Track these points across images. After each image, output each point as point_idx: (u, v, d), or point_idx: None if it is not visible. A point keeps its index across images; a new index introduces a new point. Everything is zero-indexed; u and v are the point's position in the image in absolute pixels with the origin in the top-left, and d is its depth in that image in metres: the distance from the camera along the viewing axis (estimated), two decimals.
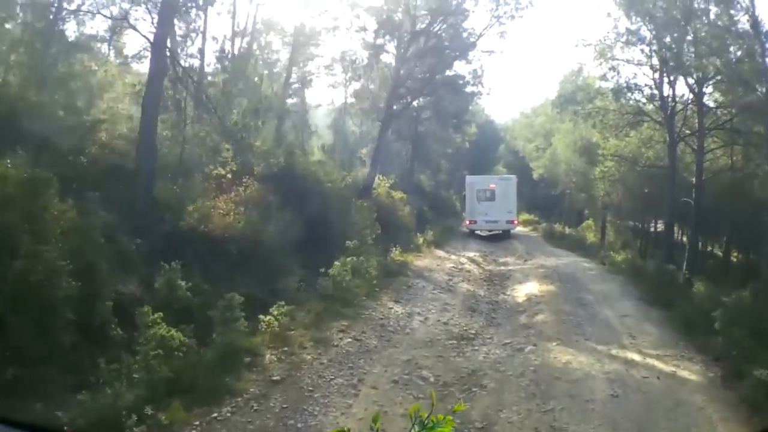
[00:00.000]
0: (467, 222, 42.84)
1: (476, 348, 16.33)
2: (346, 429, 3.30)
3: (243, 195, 23.15)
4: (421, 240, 33.19)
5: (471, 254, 32.89)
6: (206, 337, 14.78)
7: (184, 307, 16.48)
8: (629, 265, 29.40)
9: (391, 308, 19.59)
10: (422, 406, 2.86)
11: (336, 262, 20.79)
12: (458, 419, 10.10)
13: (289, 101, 56.96)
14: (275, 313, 16.08)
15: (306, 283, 20.68)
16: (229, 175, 23.88)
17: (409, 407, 3.90)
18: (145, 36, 24.27)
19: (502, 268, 29.56)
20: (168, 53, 22.97)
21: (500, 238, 41.99)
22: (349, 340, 15.98)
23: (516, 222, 42.46)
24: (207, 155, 24.63)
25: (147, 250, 19.09)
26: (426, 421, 2.75)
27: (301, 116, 54.95)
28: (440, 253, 32.21)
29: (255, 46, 48.25)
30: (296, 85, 56.62)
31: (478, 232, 41.92)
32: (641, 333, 17.81)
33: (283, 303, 16.57)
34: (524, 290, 23.47)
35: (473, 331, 17.91)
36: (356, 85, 48.09)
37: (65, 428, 9.51)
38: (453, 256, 31.19)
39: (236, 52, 43.56)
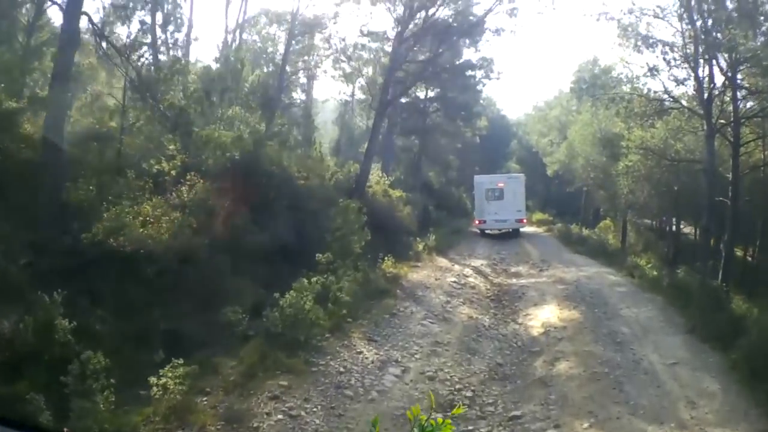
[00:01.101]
0: (476, 221, 39.92)
1: (470, 428, 10.37)
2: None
3: (185, 196, 17.38)
4: (421, 246, 27.23)
5: (478, 263, 26.95)
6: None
7: (61, 358, 10.93)
8: (662, 277, 23.41)
9: (360, 352, 13.79)
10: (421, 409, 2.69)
11: (296, 285, 15.02)
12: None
13: (294, 95, 51.97)
14: (171, 375, 10.25)
15: (259, 311, 15.02)
16: (173, 172, 18.17)
17: None
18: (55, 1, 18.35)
19: (514, 281, 23.61)
20: (91, 26, 17.23)
21: (511, 240, 36.38)
22: (280, 416, 10.17)
23: (524, 221, 39.58)
24: (148, 148, 18.81)
25: (43, 271, 13.61)
26: (425, 424, 2.60)
27: (305, 110, 49.51)
28: (442, 261, 26.26)
29: (247, 35, 43.02)
30: (302, 80, 51.78)
31: (488, 231, 38.85)
32: (702, 395, 11.84)
33: (181, 361, 10.67)
34: (540, 317, 17.63)
35: (469, 392, 12.08)
36: (362, 80, 42.65)
37: (64, 429, 8.32)
38: (457, 266, 25.25)
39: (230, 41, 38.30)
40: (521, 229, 40.01)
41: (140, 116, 18.67)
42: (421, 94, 45.28)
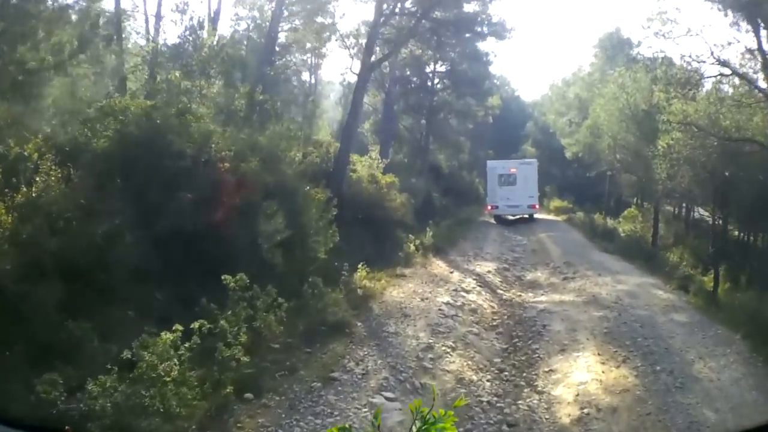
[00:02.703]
0: (489, 207, 36.46)
1: None
2: (347, 425, 2.55)
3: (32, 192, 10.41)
4: (412, 246, 19.94)
5: (485, 267, 19.67)
6: None
7: None
8: (727, 297, 16.17)
9: None
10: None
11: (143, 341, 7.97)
12: None
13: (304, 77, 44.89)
14: None
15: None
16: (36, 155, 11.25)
17: None
18: None
19: (531, 297, 16.43)
20: None
21: (527, 232, 29.32)
22: None
23: (537, 206, 36.19)
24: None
25: None
26: (427, 417, 2.39)
27: (304, 88, 42.46)
28: (439, 266, 19.02)
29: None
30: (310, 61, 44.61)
31: (506, 216, 35.36)
32: None
33: None
34: (572, 378, 10.48)
35: None
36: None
37: (66, 428, 6.72)
38: (456, 274, 17.99)
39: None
40: (537, 218, 35.90)
41: None
42: (428, 71, 37.86)
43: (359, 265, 16.14)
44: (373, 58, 21.78)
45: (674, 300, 15.83)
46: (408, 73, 37.88)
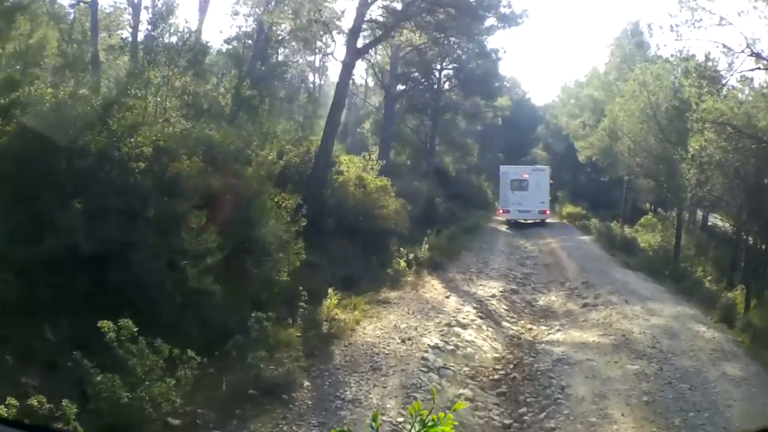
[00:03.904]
0: (500, 211, 35.12)
1: None
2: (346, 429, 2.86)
3: None
4: (402, 262, 15.96)
5: (489, 288, 15.69)
6: None
7: None
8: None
9: None
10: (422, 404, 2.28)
11: None
12: None
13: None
14: None
15: None
16: None
17: None
18: None
19: (543, 336, 12.40)
20: None
21: (539, 242, 25.49)
22: None
23: (548, 212, 34.75)
24: None
25: None
26: (426, 419, 2.28)
27: (304, 88, 38.96)
28: (433, 288, 15.05)
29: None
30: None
31: (518, 220, 33.75)
32: None
33: None
34: None
35: None
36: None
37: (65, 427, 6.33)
38: (453, 299, 14.03)
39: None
40: (550, 226, 33.58)
41: None
42: (436, 72, 33.92)
43: (330, 290, 12.22)
44: (360, 44, 17.80)
45: (720, 340, 11.75)
46: (413, 71, 33.89)
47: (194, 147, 12.72)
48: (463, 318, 12.33)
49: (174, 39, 20.25)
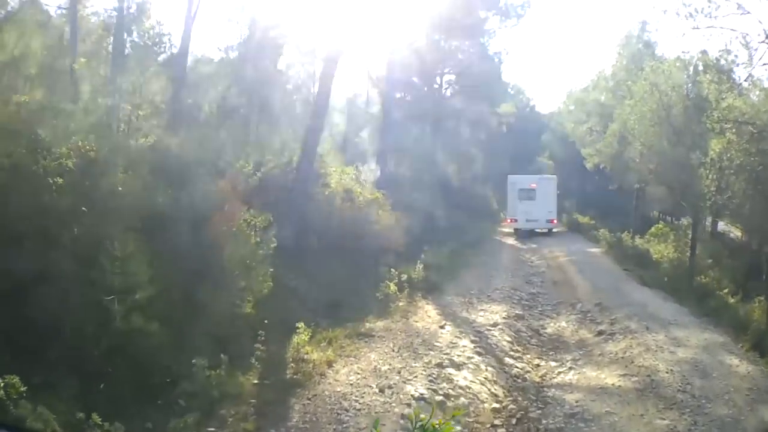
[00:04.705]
0: (508, 220, 34.85)
1: None
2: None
3: None
4: (392, 286, 13.82)
5: (491, 314, 13.55)
6: None
7: None
8: None
9: None
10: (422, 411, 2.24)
11: None
12: None
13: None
14: None
15: None
16: None
17: None
18: None
19: (553, 377, 10.24)
20: None
21: (546, 257, 23.35)
22: None
23: (555, 221, 34.02)
24: None
25: None
26: (426, 426, 2.32)
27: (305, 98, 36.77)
28: (426, 316, 12.94)
29: None
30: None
31: (526, 229, 32.80)
32: None
33: None
34: None
35: None
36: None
37: None
38: (448, 329, 11.91)
39: None
40: (558, 236, 32.83)
41: None
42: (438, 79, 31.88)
43: (301, 324, 10.12)
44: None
45: (756, 376, 9.57)
46: (413, 78, 31.85)
47: (139, 159, 10.72)
48: (459, 355, 10.16)
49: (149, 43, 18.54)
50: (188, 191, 10.93)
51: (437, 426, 2.30)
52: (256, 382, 8.59)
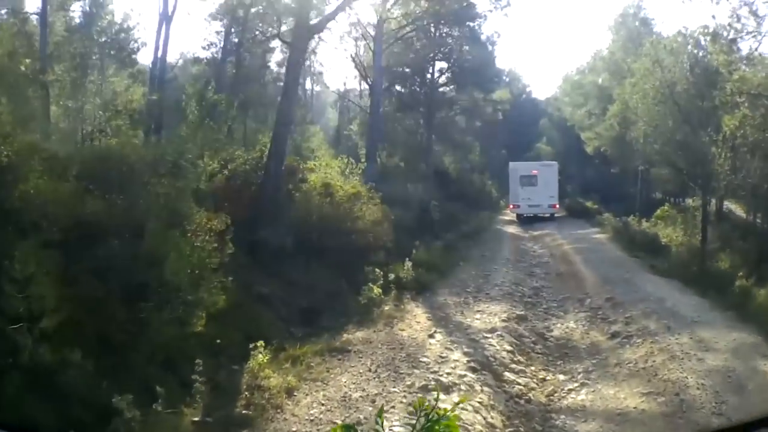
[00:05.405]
0: (511, 206, 34.48)
1: None
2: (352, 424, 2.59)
3: None
4: (376, 289, 11.93)
5: (489, 317, 11.67)
6: None
7: None
8: None
9: None
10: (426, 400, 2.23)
11: None
12: None
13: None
14: None
15: None
16: None
17: None
18: None
19: (561, 397, 8.37)
20: None
21: (550, 244, 21.73)
22: None
23: (557, 206, 33.49)
24: None
25: None
26: (431, 415, 2.25)
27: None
28: (415, 320, 11.08)
29: None
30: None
31: (524, 215, 32.53)
32: None
33: None
34: None
35: None
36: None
37: None
38: (438, 338, 10.03)
39: None
40: (560, 222, 31.39)
41: None
42: (426, 61, 29.91)
43: (260, 342, 8.32)
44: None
45: None
46: (404, 67, 29.92)
47: (67, 162, 8.94)
48: (448, 373, 8.31)
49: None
50: (128, 196, 9.17)
51: (441, 414, 2.21)
52: (196, 419, 6.80)
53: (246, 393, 7.51)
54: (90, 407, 6.70)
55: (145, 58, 26.68)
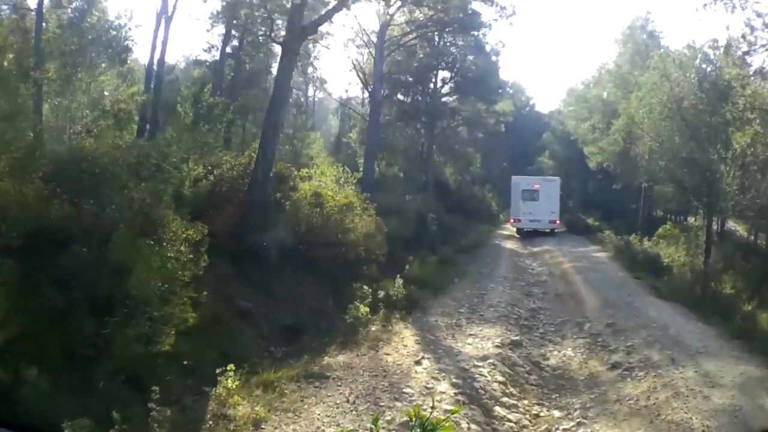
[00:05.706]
0: (512, 220, 33.98)
1: None
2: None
3: None
4: (363, 308, 11.19)
5: (481, 341, 10.98)
6: None
7: None
8: None
9: None
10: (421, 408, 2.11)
11: None
12: None
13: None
14: None
15: None
16: None
17: None
18: None
19: (555, 429, 7.41)
20: None
21: (548, 262, 20.91)
22: None
23: (558, 222, 32.85)
24: None
25: None
26: (426, 423, 2.34)
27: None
28: (402, 342, 10.37)
29: None
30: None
31: (525, 229, 32.01)
32: None
33: None
34: None
35: None
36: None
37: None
38: (425, 365, 9.34)
39: None
40: (560, 237, 30.93)
41: None
42: (429, 71, 29.27)
43: (230, 366, 7.62)
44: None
45: None
46: (405, 74, 29.30)
47: (32, 162, 8.29)
48: (433, 407, 7.56)
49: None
50: (99, 201, 8.51)
51: (436, 422, 2.24)
52: None
53: (210, 422, 6.81)
54: (50, 428, 6.10)
55: (145, 58, 26.10)
